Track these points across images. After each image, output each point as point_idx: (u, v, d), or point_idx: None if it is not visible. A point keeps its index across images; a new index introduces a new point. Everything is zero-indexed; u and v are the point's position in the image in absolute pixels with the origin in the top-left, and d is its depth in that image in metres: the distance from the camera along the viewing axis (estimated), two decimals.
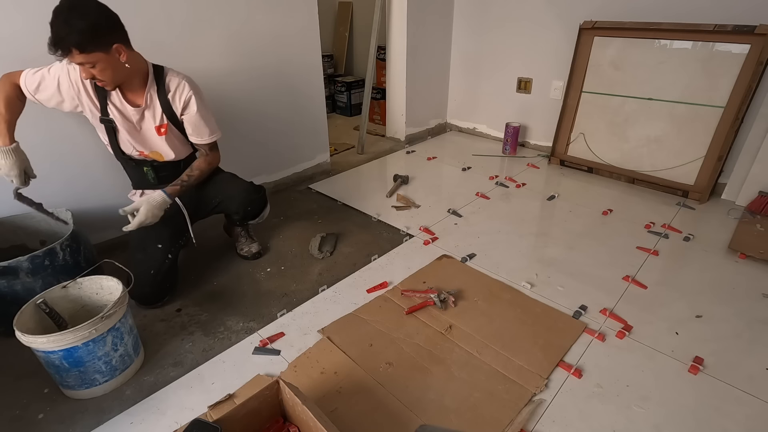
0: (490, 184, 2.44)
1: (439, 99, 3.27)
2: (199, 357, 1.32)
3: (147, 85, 1.40)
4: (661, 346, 1.33)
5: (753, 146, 2.06)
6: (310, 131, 2.47)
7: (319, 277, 1.68)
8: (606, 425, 1.10)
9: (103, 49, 1.21)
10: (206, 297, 1.58)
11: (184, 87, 1.43)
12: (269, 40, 2.09)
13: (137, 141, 1.47)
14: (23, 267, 1.28)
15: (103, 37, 1.20)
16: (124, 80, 1.36)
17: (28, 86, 1.33)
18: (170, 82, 1.42)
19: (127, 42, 1.30)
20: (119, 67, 1.28)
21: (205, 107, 1.50)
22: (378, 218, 2.09)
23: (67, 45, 1.15)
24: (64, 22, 1.13)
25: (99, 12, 1.19)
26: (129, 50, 1.30)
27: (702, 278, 1.64)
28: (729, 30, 1.96)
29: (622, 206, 2.17)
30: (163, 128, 1.46)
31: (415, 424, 1.09)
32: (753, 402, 1.15)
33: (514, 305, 1.51)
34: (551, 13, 2.57)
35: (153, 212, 1.40)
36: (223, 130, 2.03)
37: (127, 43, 1.29)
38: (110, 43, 1.22)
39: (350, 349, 1.32)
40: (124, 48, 1.27)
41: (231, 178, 1.68)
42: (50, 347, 1.08)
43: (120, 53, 1.26)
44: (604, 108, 2.43)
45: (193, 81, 1.48)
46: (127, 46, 1.29)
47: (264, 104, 2.18)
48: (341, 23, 3.86)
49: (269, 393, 1.01)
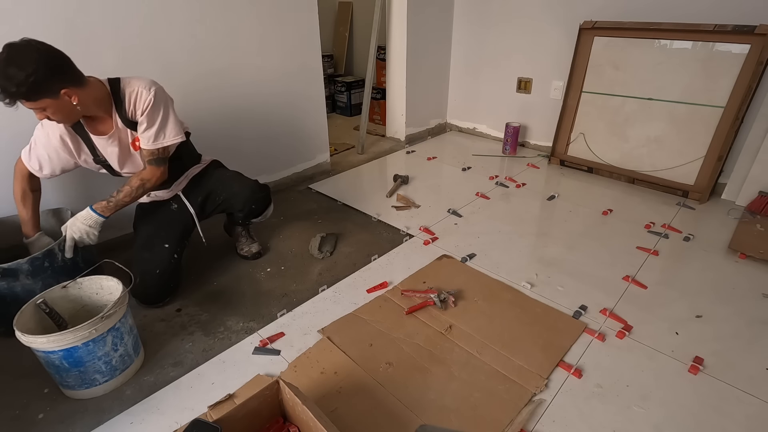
0: (490, 184, 2.44)
1: (439, 99, 3.27)
2: (199, 357, 1.32)
3: (111, 109, 1.34)
4: (661, 346, 1.33)
5: (753, 146, 2.06)
6: (310, 131, 2.47)
7: (319, 277, 1.68)
8: (606, 425, 1.10)
9: (50, 96, 1.16)
10: (206, 297, 1.58)
11: (140, 93, 1.33)
12: (269, 39, 2.09)
13: (132, 165, 1.46)
14: (23, 269, 1.28)
15: (46, 85, 1.14)
16: (84, 115, 1.30)
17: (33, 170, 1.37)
18: (127, 95, 1.33)
19: (76, 82, 1.21)
20: (71, 108, 1.22)
21: (164, 110, 1.37)
22: (378, 218, 2.09)
23: (11, 96, 1.11)
24: (2, 73, 1.08)
25: (39, 61, 1.11)
26: (80, 89, 1.22)
27: (702, 278, 1.64)
28: (729, 30, 1.96)
29: (622, 206, 2.17)
30: (137, 141, 1.40)
31: (415, 424, 1.09)
32: (753, 402, 1.15)
33: (514, 305, 1.51)
34: (551, 13, 2.57)
35: (79, 228, 1.34)
36: (224, 130, 2.05)
37: (77, 83, 1.21)
38: (57, 89, 1.16)
39: (350, 349, 1.32)
40: (74, 89, 1.20)
41: (236, 175, 1.67)
42: (50, 347, 1.08)
43: (70, 96, 1.19)
44: (604, 108, 2.43)
45: (153, 83, 1.36)
46: (78, 86, 1.21)
47: (264, 104, 2.18)
48: (341, 23, 3.86)
49: (269, 393, 1.01)
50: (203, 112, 1.95)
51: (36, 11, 1.44)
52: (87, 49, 1.55)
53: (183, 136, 1.44)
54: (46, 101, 1.17)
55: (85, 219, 1.35)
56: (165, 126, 1.38)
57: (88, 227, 1.35)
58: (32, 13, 1.43)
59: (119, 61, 1.64)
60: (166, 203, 1.61)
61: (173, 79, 1.80)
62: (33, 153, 1.37)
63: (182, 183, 1.60)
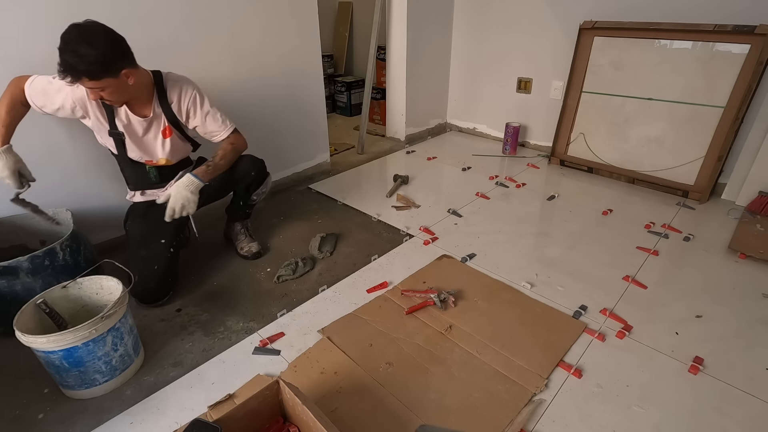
0: (490, 184, 2.44)
1: (439, 99, 3.27)
2: (199, 357, 1.32)
3: (153, 96, 1.42)
4: (661, 346, 1.33)
5: (753, 146, 2.06)
6: (310, 131, 2.47)
7: (319, 277, 1.68)
8: (606, 425, 1.10)
9: (113, 75, 1.23)
10: (206, 297, 1.58)
11: (186, 92, 1.45)
12: (270, 40, 2.08)
13: (145, 151, 1.50)
14: (23, 267, 1.28)
15: (112, 65, 1.21)
16: (132, 97, 1.37)
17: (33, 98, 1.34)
18: (171, 90, 1.44)
19: (134, 64, 1.30)
20: (127, 88, 1.30)
21: (209, 104, 1.51)
22: (378, 218, 2.09)
23: (77, 74, 1.16)
24: (73, 51, 1.13)
25: (107, 41, 1.19)
26: (136, 71, 1.31)
27: (702, 278, 1.64)
28: (729, 30, 1.96)
29: (622, 206, 2.17)
30: (168, 130, 1.48)
31: (415, 424, 1.09)
32: (753, 402, 1.15)
33: (514, 305, 1.51)
34: (551, 14, 2.57)
35: (183, 195, 1.40)
36: None
37: (134, 65, 1.30)
38: (119, 69, 1.24)
39: (350, 349, 1.32)
40: (132, 71, 1.28)
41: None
42: (50, 347, 1.08)
43: (128, 77, 1.28)
44: (604, 108, 2.43)
45: (191, 81, 1.49)
46: (134, 67, 1.31)
47: (264, 104, 2.18)
48: (341, 23, 3.86)
49: (269, 393, 1.01)
50: None
51: (36, 11, 1.44)
52: None
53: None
54: (108, 80, 1.22)
55: (187, 185, 1.41)
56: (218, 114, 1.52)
57: (189, 193, 1.41)
58: (32, 14, 1.43)
59: None
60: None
61: None
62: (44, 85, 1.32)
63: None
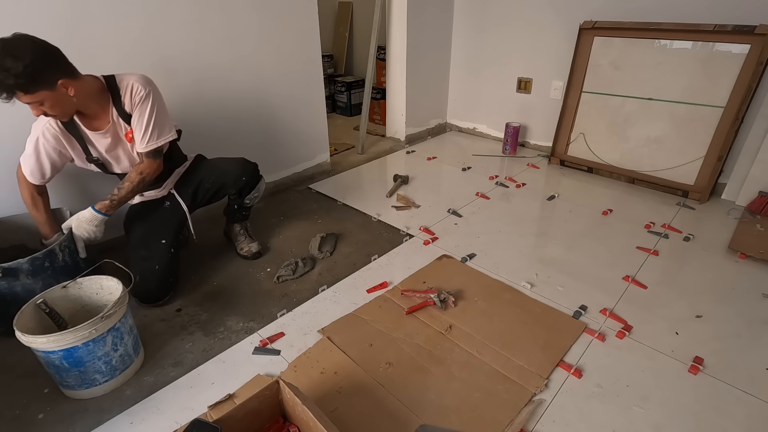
0: (490, 184, 2.44)
1: (439, 99, 3.27)
2: (199, 357, 1.32)
3: (109, 103, 1.35)
4: (661, 346, 1.33)
5: (753, 146, 2.06)
6: (311, 131, 2.47)
7: (319, 277, 1.68)
8: (606, 425, 1.10)
9: (47, 88, 1.17)
10: (206, 297, 1.58)
11: (135, 87, 1.35)
12: (269, 40, 2.08)
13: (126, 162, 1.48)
14: (23, 269, 1.28)
15: (42, 76, 1.15)
16: (80, 109, 1.31)
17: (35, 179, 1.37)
18: (122, 89, 1.35)
19: (72, 74, 1.23)
20: (68, 100, 1.24)
21: (157, 108, 1.39)
22: (378, 218, 2.09)
23: (8, 89, 1.11)
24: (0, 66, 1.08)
25: (35, 52, 1.12)
26: (76, 81, 1.24)
27: (702, 278, 1.64)
28: (729, 30, 1.96)
29: (622, 206, 2.17)
30: (130, 133, 1.41)
31: (415, 424, 1.09)
32: (753, 402, 1.15)
33: (514, 305, 1.51)
34: (551, 13, 2.57)
35: (86, 229, 1.39)
36: (224, 131, 2.05)
37: (72, 75, 1.23)
38: (53, 80, 1.17)
39: (350, 349, 1.32)
40: (70, 81, 1.21)
41: (221, 158, 1.70)
42: (50, 347, 1.08)
43: (67, 88, 1.21)
44: (604, 108, 2.43)
45: (147, 79, 1.39)
46: (74, 78, 1.23)
47: (264, 104, 2.18)
48: (341, 23, 3.86)
49: (269, 393, 1.01)
50: (203, 113, 1.95)
51: (36, 11, 1.44)
52: (86, 49, 1.54)
53: (175, 133, 1.48)
54: (43, 93, 1.17)
55: (90, 221, 1.39)
56: (158, 123, 1.40)
57: (94, 227, 1.40)
58: (31, 15, 1.43)
59: (119, 63, 1.63)
60: (158, 202, 1.62)
61: (173, 80, 1.80)
62: (27, 163, 1.36)
63: (172, 181, 1.63)
